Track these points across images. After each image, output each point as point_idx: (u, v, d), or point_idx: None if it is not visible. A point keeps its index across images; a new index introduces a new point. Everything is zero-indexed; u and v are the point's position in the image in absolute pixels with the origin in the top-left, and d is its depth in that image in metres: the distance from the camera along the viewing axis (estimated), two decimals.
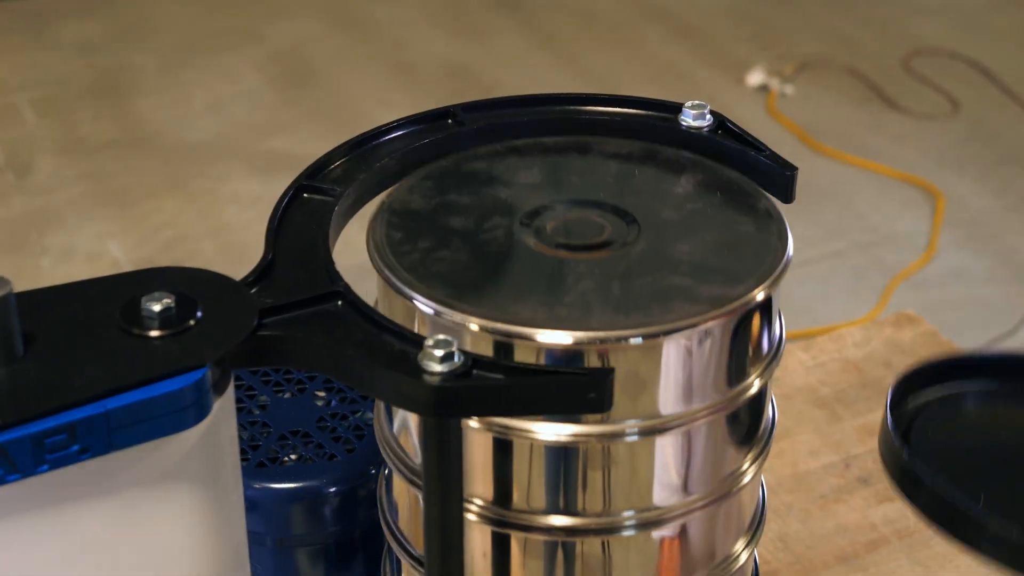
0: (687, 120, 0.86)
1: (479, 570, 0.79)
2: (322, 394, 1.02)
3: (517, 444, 0.75)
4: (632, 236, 0.78)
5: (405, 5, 3.61)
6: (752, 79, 3.28)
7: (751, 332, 0.76)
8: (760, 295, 0.74)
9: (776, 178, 0.82)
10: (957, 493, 0.73)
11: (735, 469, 0.80)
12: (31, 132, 3.07)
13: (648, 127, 0.87)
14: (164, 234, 2.72)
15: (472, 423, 0.75)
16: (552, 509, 0.76)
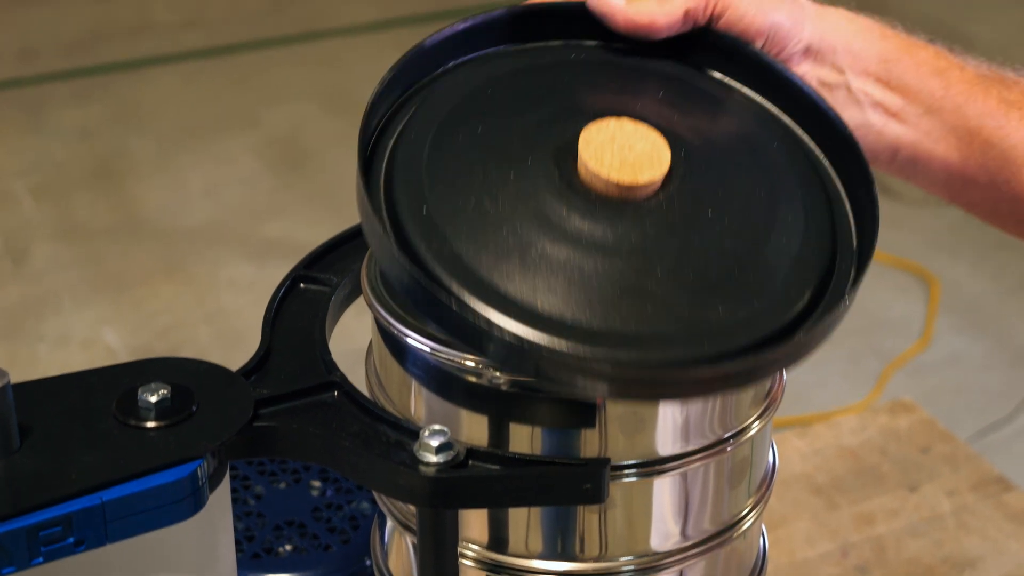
0: None
1: None
2: (317, 484, 1.02)
3: None
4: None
5: None
6: None
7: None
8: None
9: None
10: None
11: (735, 514, 0.79)
12: (28, 218, 3.08)
13: None
14: (160, 320, 2.72)
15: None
16: (549, 554, 0.75)
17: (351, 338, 0.98)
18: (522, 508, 0.74)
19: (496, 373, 0.70)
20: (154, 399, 0.69)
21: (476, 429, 0.72)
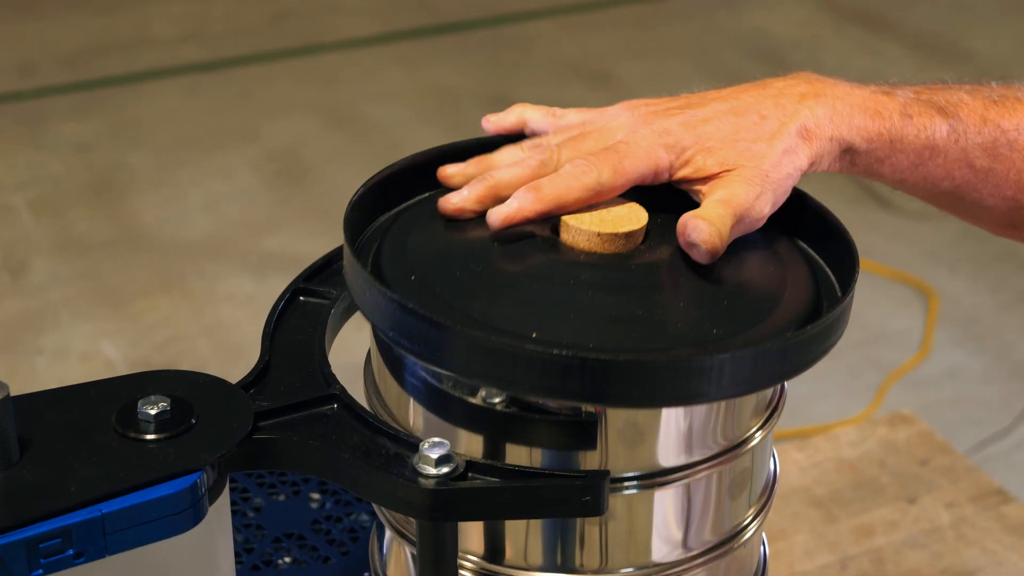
0: None
1: None
2: (317, 496, 1.02)
3: None
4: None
5: (398, 104, 3.64)
6: None
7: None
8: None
9: None
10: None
11: (736, 524, 0.79)
12: (27, 232, 3.08)
13: None
14: (159, 333, 2.72)
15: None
16: (549, 566, 0.75)
17: (350, 351, 0.98)
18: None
19: (495, 398, 0.71)
20: (154, 411, 0.69)
21: (473, 444, 0.72)
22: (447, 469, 0.67)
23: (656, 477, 0.73)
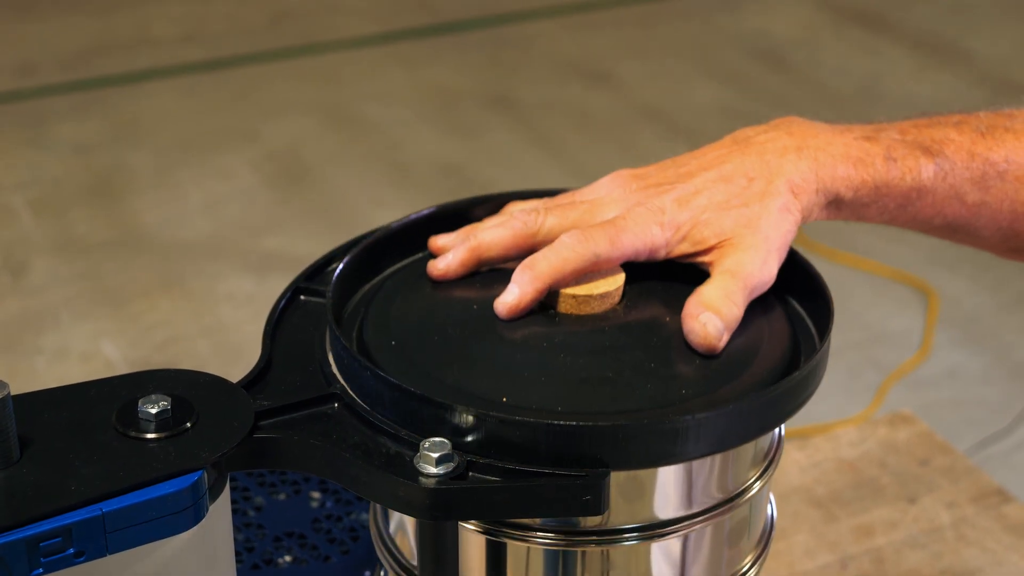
0: None
1: None
2: (317, 495, 1.02)
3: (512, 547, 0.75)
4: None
5: (398, 104, 3.64)
6: None
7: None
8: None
9: None
10: None
11: (735, 571, 0.79)
12: (27, 233, 3.08)
13: None
14: (159, 333, 2.72)
15: (468, 526, 0.75)
16: None
17: None
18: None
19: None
20: (154, 411, 0.69)
21: None
22: (447, 468, 0.67)
23: (655, 529, 0.74)
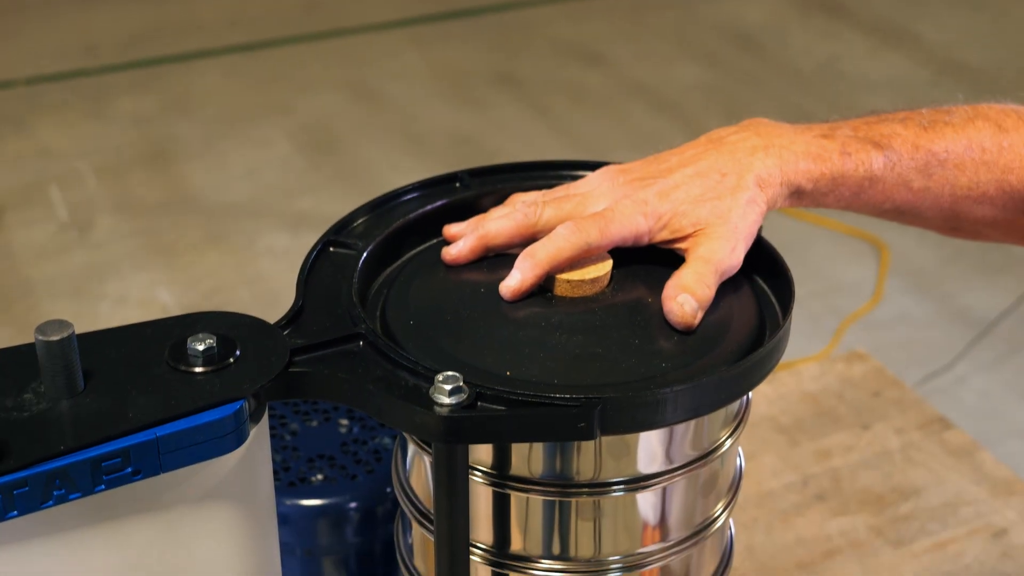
0: None
1: None
2: (345, 422, 1.02)
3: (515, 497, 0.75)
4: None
5: (415, 83, 3.62)
6: None
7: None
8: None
9: None
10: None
11: (709, 516, 0.80)
12: (92, 194, 3.07)
13: None
14: (206, 283, 2.72)
15: (476, 477, 0.75)
16: (547, 556, 0.76)
17: None
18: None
19: None
20: (202, 348, 0.69)
21: None
22: (459, 399, 0.67)
23: (639, 482, 0.75)
